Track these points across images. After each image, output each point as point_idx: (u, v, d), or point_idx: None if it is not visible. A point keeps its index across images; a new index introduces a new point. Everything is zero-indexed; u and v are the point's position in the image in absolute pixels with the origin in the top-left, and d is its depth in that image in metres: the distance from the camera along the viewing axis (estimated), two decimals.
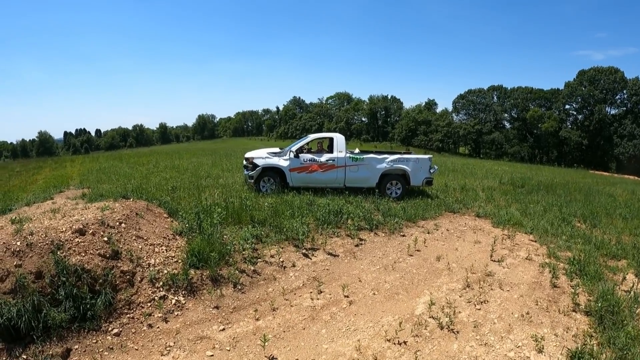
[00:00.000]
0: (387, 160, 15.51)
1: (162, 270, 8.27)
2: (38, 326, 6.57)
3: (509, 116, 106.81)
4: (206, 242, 9.01)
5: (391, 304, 7.99)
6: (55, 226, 8.32)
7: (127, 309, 7.45)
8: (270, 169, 15.32)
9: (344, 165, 15.32)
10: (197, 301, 7.92)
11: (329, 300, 8.06)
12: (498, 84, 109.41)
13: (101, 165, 27.21)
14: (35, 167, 31.67)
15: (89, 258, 7.78)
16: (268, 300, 8.04)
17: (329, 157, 15.35)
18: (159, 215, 10.91)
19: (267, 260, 9.44)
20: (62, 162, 34.98)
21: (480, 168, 30.19)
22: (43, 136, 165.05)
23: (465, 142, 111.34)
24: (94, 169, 25.41)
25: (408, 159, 15.58)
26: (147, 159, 30.85)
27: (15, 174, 28.32)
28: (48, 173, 26.75)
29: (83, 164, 29.95)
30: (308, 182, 15.45)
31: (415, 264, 9.90)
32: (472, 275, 9.26)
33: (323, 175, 15.37)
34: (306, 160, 15.31)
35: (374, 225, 12.01)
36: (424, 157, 15.83)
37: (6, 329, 6.40)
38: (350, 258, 10.12)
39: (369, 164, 15.43)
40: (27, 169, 30.77)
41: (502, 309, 7.83)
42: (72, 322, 6.88)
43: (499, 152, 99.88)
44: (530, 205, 15.90)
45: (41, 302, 6.82)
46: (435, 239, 11.67)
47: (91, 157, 41.65)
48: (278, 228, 10.82)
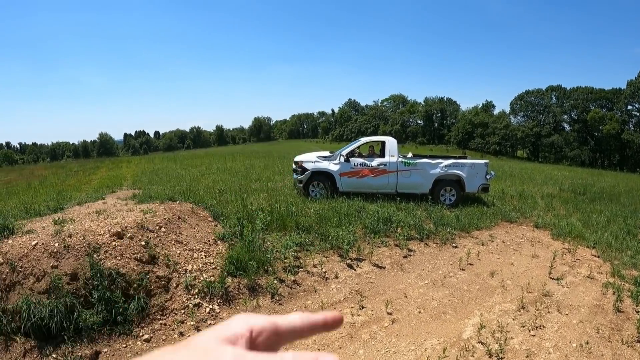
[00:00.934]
0: (441, 165, 14.70)
1: (199, 277, 8.02)
2: (69, 327, 6.57)
3: (568, 118, 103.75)
4: (246, 250, 8.70)
5: (437, 324, 7.36)
6: (94, 229, 8.26)
7: (160, 315, 7.27)
8: (320, 173, 14.87)
9: (396, 170, 14.70)
10: (232, 311, 7.59)
11: (370, 317, 7.52)
12: (557, 84, 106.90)
13: (155, 167, 27.50)
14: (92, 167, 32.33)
15: (125, 262, 7.68)
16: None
17: (380, 162, 14.75)
18: (204, 219, 10.73)
19: (308, 270, 9.01)
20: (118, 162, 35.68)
21: (539, 173, 28.85)
22: (103, 137, 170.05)
23: (523, 145, 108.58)
24: (148, 170, 25.70)
25: (463, 164, 14.78)
26: (200, 160, 31.05)
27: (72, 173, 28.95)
28: (104, 173, 27.21)
29: (138, 165, 30.37)
30: (359, 188, 14.90)
31: (467, 279, 9.23)
32: (528, 294, 8.50)
33: (374, 180, 14.79)
34: (357, 164, 14.75)
35: (425, 235, 11.41)
36: (480, 162, 14.93)
37: (38, 328, 6.47)
38: (397, 270, 9.53)
39: (422, 169, 14.72)
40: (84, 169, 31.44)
41: (559, 336, 7.07)
42: (103, 325, 6.83)
43: (558, 155, 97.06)
44: (593, 215, 14.84)
45: (74, 303, 6.82)
46: (489, 252, 10.96)
47: (147, 158, 42.39)
48: (323, 236, 10.39)
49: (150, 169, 26.33)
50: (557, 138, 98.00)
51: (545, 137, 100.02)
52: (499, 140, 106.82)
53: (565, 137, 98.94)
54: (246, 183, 17.41)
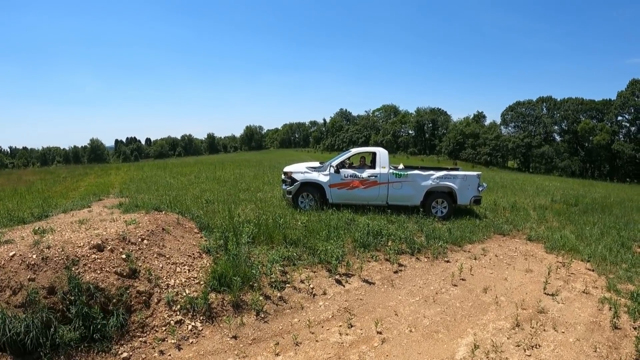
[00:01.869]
0: (433, 177, 14.53)
1: (182, 293, 7.74)
2: (46, 343, 6.35)
3: (559, 129, 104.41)
4: (230, 264, 8.42)
5: (429, 344, 7.08)
6: (73, 240, 7.99)
7: (140, 332, 7.03)
8: (309, 185, 14.70)
9: (387, 181, 14.49)
10: (215, 329, 7.31)
11: (359, 337, 7.23)
12: (547, 95, 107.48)
13: (144, 174, 27.29)
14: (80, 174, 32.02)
15: (104, 276, 7.41)
16: (292, 332, 7.29)
17: (371, 173, 14.56)
18: (189, 230, 10.51)
19: (295, 286, 8.72)
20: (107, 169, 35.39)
21: (531, 184, 28.78)
22: (95, 143, 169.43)
23: (514, 156, 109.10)
24: (137, 177, 25.50)
25: (455, 176, 14.55)
26: (190, 169, 30.82)
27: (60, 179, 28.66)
28: (92, 180, 26.93)
29: (127, 172, 30.13)
30: (349, 199, 14.75)
31: (460, 295, 8.95)
32: (523, 311, 8.25)
33: (365, 192, 14.59)
34: (347, 175, 14.57)
35: (416, 248, 11.16)
36: (472, 174, 14.76)
37: (14, 343, 6.27)
38: (387, 286, 9.25)
39: (413, 181, 14.52)
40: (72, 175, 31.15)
41: (555, 356, 6.82)
42: (81, 341, 6.63)
43: (549, 166, 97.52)
44: (586, 227, 14.63)
45: (51, 318, 6.57)
46: (482, 266, 10.71)
47: (136, 165, 42.09)
48: (311, 250, 10.14)
49: (139, 176, 26.09)
50: (547, 149, 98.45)
51: (536, 148, 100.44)
52: (490, 151, 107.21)
53: (555, 147, 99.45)
54: (235, 193, 17.17)
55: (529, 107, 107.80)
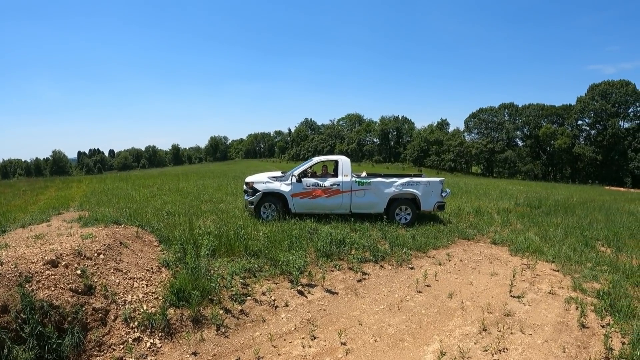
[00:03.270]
0: (396, 184, 14.55)
1: (139, 309, 7.52)
2: None
3: (521, 134, 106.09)
4: (189, 278, 8.23)
5: (394, 353, 6.98)
6: (27, 256, 7.75)
7: (97, 351, 6.78)
8: (272, 195, 14.60)
9: (350, 190, 14.47)
10: (175, 345, 7.11)
11: (322, 349, 7.10)
12: (509, 102, 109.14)
13: (106, 187, 26.77)
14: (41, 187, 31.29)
15: (59, 293, 7.15)
16: (253, 347, 7.11)
17: (333, 182, 14.52)
18: (149, 244, 10.33)
19: (257, 299, 8.56)
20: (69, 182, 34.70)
21: (494, 188, 29.16)
22: (57, 155, 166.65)
23: (477, 162, 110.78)
24: (99, 190, 25.00)
25: (418, 183, 14.61)
26: (153, 180, 30.37)
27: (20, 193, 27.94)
28: (52, 193, 26.32)
29: (89, 185, 29.55)
30: (311, 208, 14.67)
31: (425, 302, 8.90)
32: (489, 315, 8.24)
33: (327, 200, 14.54)
34: (309, 184, 14.52)
35: (380, 256, 11.09)
36: (435, 180, 14.82)
37: None
38: (351, 296, 9.16)
39: (376, 189, 14.51)
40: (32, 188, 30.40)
41: (523, 358, 6.78)
42: None
43: (512, 170, 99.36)
44: (550, 228, 14.84)
45: (4, 338, 6.29)
46: (447, 272, 10.69)
47: (98, 178, 41.37)
48: (273, 261, 10.00)
49: (101, 189, 25.60)
50: (510, 154, 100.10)
51: (499, 153, 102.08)
52: (454, 157, 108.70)
53: (518, 152, 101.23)
54: (197, 204, 16.93)
55: (492, 113, 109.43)
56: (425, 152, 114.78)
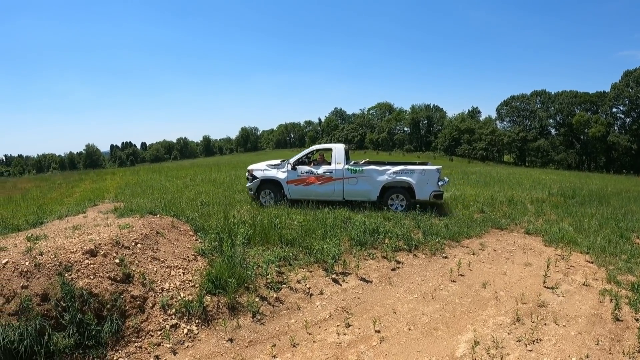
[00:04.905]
0: (389, 172, 14.53)
1: (176, 296, 7.65)
2: (40, 351, 6.27)
3: (554, 122, 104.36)
4: (226, 266, 8.32)
5: (428, 342, 6.97)
6: (66, 246, 7.91)
7: (135, 337, 6.93)
8: (269, 181, 15.35)
9: (342, 177, 14.77)
10: (211, 332, 7.22)
11: (357, 336, 7.12)
12: (541, 89, 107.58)
13: (140, 179, 27.12)
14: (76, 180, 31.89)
15: (98, 281, 7.32)
16: (289, 333, 7.20)
17: (326, 169, 14.92)
18: (184, 233, 10.41)
19: (292, 287, 8.62)
20: (103, 174, 35.26)
21: (527, 177, 28.60)
22: (90, 149, 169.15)
23: (509, 150, 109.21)
24: (132, 182, 25.35)
25: (413, 171, 14.41)
26: (185, 171, 30.67)
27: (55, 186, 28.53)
28: (87, 186, 26.79)
29: (123, 177, 29.98)
30: (305, 195, 15.09)
31: (458, 291, 8.84)
32: (523, 306, 8.14)
33: (320, 187, 14.98)
34: (303, 172, 15.06)
35: (414, 245, 11.05)
36: (431, 169, 14.49)
37: (8, 352, 6.18)
38: (385, 284, 9.14)
39: (369, 176, 14.64)
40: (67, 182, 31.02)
41: (557, 350, 6.70)
42: (76, 348, 6.52)
43: (545, 159, 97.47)
44: (584, 219, 14.48)
45: (45, 326, 6.50)
46: (481, 261, 10.60)
47: (132, 170, 41.93)
48: (308, 249, 10.04)
49: (135, 181, 25.94)
50: (543, 142, 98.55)
51: (532, 142, 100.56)
52: (486, 146, 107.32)
53: (551, 141, 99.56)
54: (230, 194, 17.07)
55: (524, 101, 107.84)
56: (457, 141, 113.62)
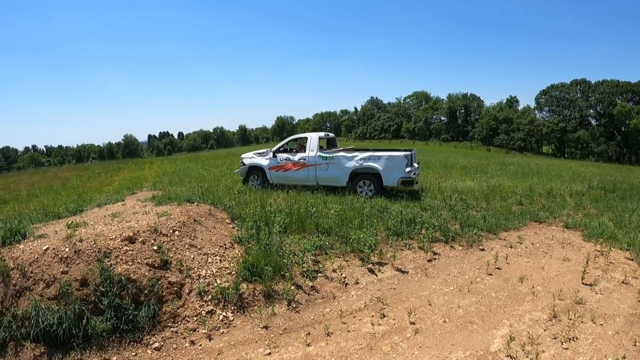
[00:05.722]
0: (357, 159, 14.94)
1: (213, 283, 7.74)
2: (78, 334, 6.50)
3: (594, 112, 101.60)
4: (262, 254, 8.37)
5: (463, 335, 6.87)
6: (105, 233, 8.08)
7: (172, 323, 7.07)
8: (255, 168, 16.82)
9: (315, 164, 15.67)
10: (246, 319, 7.29)
11: (391, 327, 7.08)
12: (581, 78, 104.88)
13: (177, 167, 27.49)
14: (114, 169, 32.49)
15: (136, 267, 7.48)
16: (323, 322, 7.20)
17: (301, 157, 15.96)
18: (221, 221, 10.50)
19: (327, 275, 8.61)
20: (141, 164, 35.84)
21: (567, 169, 28.03)
22: (128, 139, 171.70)
23: (548, 141, 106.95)
24: (170, 171, 25.69)
25: (380, 157, 14.63)
26: (222, 160, 30.96)
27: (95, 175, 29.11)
28: (126, 175, 27.27)
29: (160, 166, 30.45)
30: (285, 180, 16.24)
31: (495, 285, 8.70)
32: (560, 302, 7.95)
33: (296, 173, 16.03)
34: (282, 159, 16.24)
35: (450, 237, 10.91)
36: (398, 155, 14.49)
37: (47, 334, 6.43)
38: (421, 275, 9.06)
39: (338, 163, 15.28)
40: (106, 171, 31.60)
41: (593, 349, 6.51)
42: (113, 332, 6.71)
43: (585, 151, 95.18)
44: (625, 214, 14.03)
45: (83, 310, 6.72)
46: (518, 255, 10.41)
47: (169, 159, 42.47)
48: (344, 238, 10.01)
49: (172, 169, 26.30)
50: (583, 133, 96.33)
51: (571, 133, 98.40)
52: (524, 136, 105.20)
53: (591, 132, 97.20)
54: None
55: (563, 90, 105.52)
56: (494, 131, 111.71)
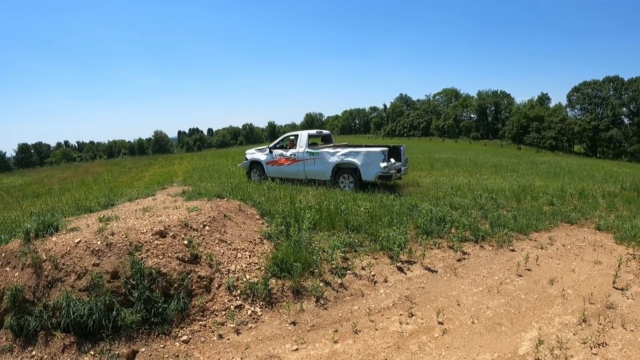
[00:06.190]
0: (339, 154, 15.90)
1: (242, 278, 7.81)
2: (108, 325, 6.70)
3: (627, 110, 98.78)
4: (291, 250, 8.41)
5: (491, 337, 6.78)
6: (137, 227, 8.24)
7: (200, 316, 7.19)
8: (255, 162, 18.58)
9: (303, 159, 16.89)
10: (274, 314, 7.34)
11: (419, 326, 7.04)
12: (614, 75, 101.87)
13: (207, 163, 27.73)
14: (145, 164, 32.93)
15: (166, 261, 7.60)
16: (351, 320, 7.20)
17: (292, 152, 17.29)
18: (251, 217, 10.58)
19: (356, 273, 8.58)
20: (171, 159, 36.22)
21: (599, 169, 27.42)
22: (158, 135, 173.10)
23: (580, 140, 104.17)
24: (200, 166, 25.96)
25: (358, 153, 15.48)
26: None
27: (126, 170, 29.53)
28: (156, 170, 27.57)
29: (190, 162, 30.70)
30: (279, 174, 17.65)
31: (525, 287, 8.55)
32: (590, 306, 7.76)
33: (288, 167, 17.41)
34: (277, 155, 17.77)
35: (480, 236, 10.78)
36: (375, 151, 15.18)
37: (77, 325, 6.65)
38: (450, 275, 8.97)
39: (322, 158, 16.35)
40: (137, 166, 32.05)
41: (623, 356, 6.32)
42: (142, 324, 6.87)
43: (617, 151, 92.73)
44: None
45: (113, 302, 6.92)
46: (549, 256, 10.20)
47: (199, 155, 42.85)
48: (373, 236, 9.98)
49: (202, 165, 26.57)
50: (615, 132, 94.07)
51: (604, 132, 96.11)
52: (555, 135, 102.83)
53: (624, 131, 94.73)
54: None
55: (596, 87, 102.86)
56: (525, 129, 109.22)
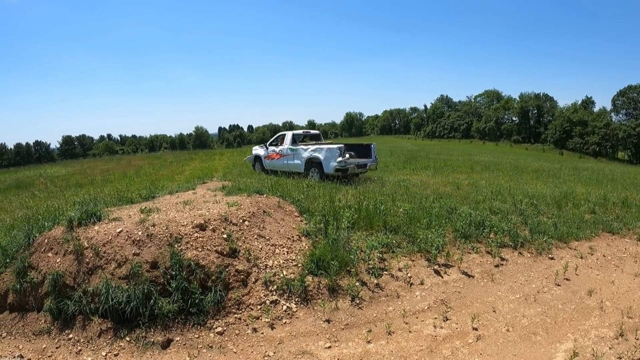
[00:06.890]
0: (309, 150, 18.39)
1: (279, 274, 7.86)
2: (145, 313, 6.92)
3: None
4: (329, 248, 8.44)
5: (526, 346, 6.64)
6: (177, 219, 8.41)
7: (236, 309, 7.28)
8: (257, 157, 21.90)
9: (287, 154, 19.62)
10: (309, 311, 7.36)
11: (453, 331, 6.97)
12: None
13: None
14: (186, 159, 33.38)
15: (205, 254, 7.75)
16: (385, 321, 7.17)
17: (280, 149, 20.05)
18: (290, 214, 10.65)
19: (393, 274, 8.54)
20: (211, 155, 36.65)
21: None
22: (199, 130, 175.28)
23: (624, 146, 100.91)
24: (239, 162, 26.25)
25: (321, 149, 17.83)
26: None
27: (167, 164, 30.04)
28: (197, 164, 28.00)
29: (230, 158, 31.03)
30: (273, 167, 20.39)
31: (562, 297, 8.37)
32: (629, 320, 7.52)
33: (278, 161, 20.12)
34: (271, 151, 20.69)
35: (519, 242, 10.60)
36: (333, 147, 17.47)
37: (115, 311, 6.93)
38: (487, 280, 8.86)
39: (299, 154, 18.97)
40: (178, 160, 32.52)
41: None
42: (178, 314, 7.04)
43: None
44: None
45: (152, 290, 7.10)
46: (588, 267, 9.99)
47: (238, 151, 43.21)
48: (411, 237, 9.92)
49: (242, 161, 26.77)
50: None
51: None
52: (599, 140, 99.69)
53: None
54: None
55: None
56: (568, 133, 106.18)
